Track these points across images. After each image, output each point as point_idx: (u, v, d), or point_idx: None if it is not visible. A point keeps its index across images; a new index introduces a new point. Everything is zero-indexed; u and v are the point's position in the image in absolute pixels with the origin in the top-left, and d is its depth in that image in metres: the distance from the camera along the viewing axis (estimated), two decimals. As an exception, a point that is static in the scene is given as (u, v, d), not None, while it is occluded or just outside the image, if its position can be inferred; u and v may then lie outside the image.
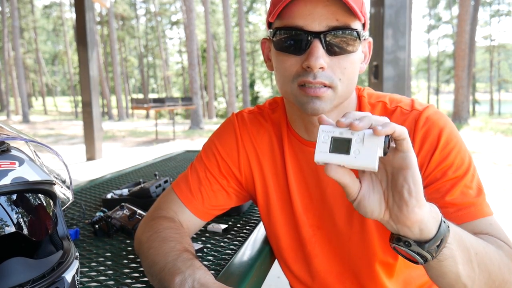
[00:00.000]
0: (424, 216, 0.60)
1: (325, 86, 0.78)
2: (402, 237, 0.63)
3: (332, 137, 0.58)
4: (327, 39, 0.76)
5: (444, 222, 0.64)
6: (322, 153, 0.58)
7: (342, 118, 0.59)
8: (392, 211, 0.62)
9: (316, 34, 0.75)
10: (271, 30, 0.83)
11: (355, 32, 0.77)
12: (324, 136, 0.59)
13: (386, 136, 0.57)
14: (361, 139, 0.57)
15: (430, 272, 0.69)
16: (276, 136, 0.96)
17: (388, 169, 0.62)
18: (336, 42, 0.76)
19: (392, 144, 0.59)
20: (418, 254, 0.63)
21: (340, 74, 0.78)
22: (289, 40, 0.78)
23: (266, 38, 0.90)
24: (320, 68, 0.76)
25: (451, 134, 0.82)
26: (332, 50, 0.77)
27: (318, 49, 0.75)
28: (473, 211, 0.78)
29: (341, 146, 0.58)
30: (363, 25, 0.81)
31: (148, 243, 0.85)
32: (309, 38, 0.76)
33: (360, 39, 0.79)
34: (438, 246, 0.62)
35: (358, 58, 0.82)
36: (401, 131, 0.57)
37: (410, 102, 0.87)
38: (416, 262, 0.65)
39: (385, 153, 0.58)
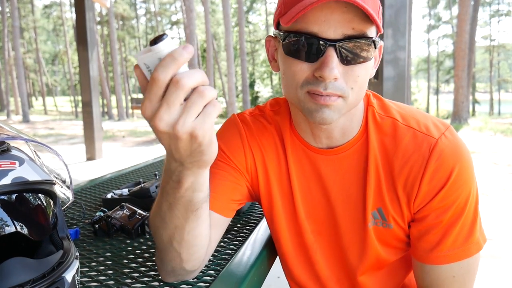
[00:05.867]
0: None
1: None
2: None
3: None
4: (343, 48, 0.71)
5: None
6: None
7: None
8: None
9: (331, 42, 0.71)
10: (281, 32, 0.76)
11: (371, 41, 0.73)
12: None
13: None
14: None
15: None
16: (279, 140, 0.92)
17: None
18: (352, 51, 0.72)
19: None
20: None
21: (353, 83, 0.74)
22: (301, 46, 0.73)
23: (272, 36, 0.84)
24: (333, 79, 0.72)
25: (461, 173, 0.79)
26: (346, 59, 0.72)
27: (333, 58, 0.71)
28: (450, 255, 0.80)
29: None
30: (377, 30, 0.76)
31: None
32: (323, 46, 0.71)
33: (375, 47, 0.75)
34: None
35: (371, 65, 0.78)
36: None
37: (425, 123, 0.83)
38: None
39: None
